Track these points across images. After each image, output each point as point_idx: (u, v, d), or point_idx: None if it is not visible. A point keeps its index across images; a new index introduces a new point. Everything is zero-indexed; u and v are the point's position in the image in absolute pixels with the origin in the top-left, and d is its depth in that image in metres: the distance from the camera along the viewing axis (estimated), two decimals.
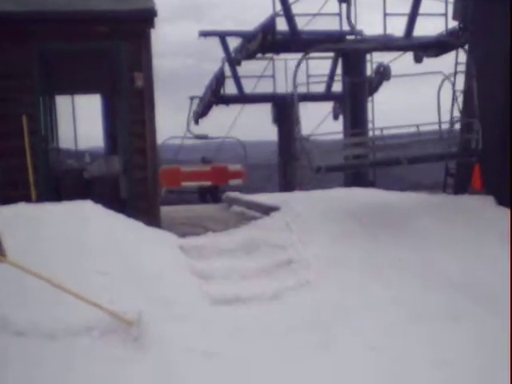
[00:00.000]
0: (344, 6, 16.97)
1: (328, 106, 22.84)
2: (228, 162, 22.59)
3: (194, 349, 6.83)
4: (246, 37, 18.86)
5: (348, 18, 17.08)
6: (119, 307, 7.00)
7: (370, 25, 19.32)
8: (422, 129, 11.31)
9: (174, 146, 24.87)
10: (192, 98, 23.38)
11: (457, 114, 13.77)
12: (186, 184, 21.12)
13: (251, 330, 7.39)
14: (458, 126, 13.28)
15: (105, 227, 8.59)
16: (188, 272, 8.41)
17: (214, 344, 6.97)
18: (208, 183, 20.97)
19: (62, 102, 16.11)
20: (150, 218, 10.10)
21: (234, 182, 21.05)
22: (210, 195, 21.40)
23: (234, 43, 20.39)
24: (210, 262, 8.86)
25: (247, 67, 20.99)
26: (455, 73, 14.21)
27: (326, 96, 22.76)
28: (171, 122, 22.56)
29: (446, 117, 13.52)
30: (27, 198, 9.61)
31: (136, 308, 6.90)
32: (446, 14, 17.08)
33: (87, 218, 8.66)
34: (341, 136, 14.98)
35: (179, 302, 7.63)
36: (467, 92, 13.24)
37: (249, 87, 22.18)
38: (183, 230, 10.36)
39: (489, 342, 7.10)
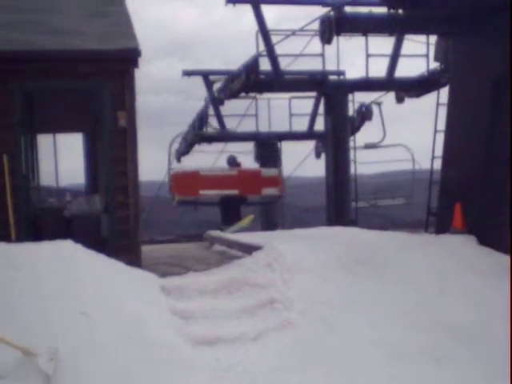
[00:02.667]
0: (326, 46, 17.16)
1: (310, 145, 23.00)
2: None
3: None
4: (230, 76, 18.99)
5: None
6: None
7: (352, 65, 19.54)
8: None
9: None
10: (213, 83, 20.96)
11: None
12: (205, 193, 16.97)
13: (233, 371, 7.32)
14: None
15: (84, 267, 8.49)
16: (169, 312, 8.32)
17: None
18: (234, 192, 17.09)
19: (44, 140, 16.07)
20: (131, 257, 10.03)
21: (268, 191, 17.35)
22: (234, 208, 17.27)
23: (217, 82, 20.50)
24: (192, 303, 8.77)
25: (230, 106, 21.10)
26: (437, 113, 14.37)
27: (308, 135, 22.90)
28: (155, 159, 22.48)
29: None
30: (7, 238, 9.51)
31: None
32: (427, 56, 17.33)
33: (67, 258, 8.55)
34: None
35: (160, 343, 7.54)
36: (448, 131, 13.37)
37: (231, 126, 22.28)
38: (164, 269, 10.28)
39: None
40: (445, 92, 14.17)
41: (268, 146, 22.33)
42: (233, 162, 19.29)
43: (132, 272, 9.16)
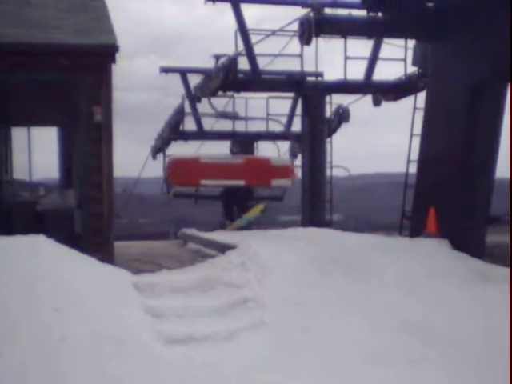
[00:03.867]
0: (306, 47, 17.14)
1: (287, 145, 22.96)
2: None
3: None
4: (208, 74, 18.91)
5: None
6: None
7: (331, 67, 19.55)
8: None
9: None
10: (217, 57, 19.13)
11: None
12: (207, 183, 14.60)
13: (205, 370, 7.28)
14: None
15: (57, 263, 8.41)
16: (141, 310, 8.26)
17: None
18: (239, 183, 14.90)
19: (19, 133, 15.90)
20: (104, 253, 9.97)
21: (278, 182, 15.31)
22: (240, 201, 14.94)
23: (196, 79, 20.42)
24: (164, 301, 8.72)
25: (207, 104, 21.01)
26: (413, 117, 14.45)
27: (285, 135, 22.88)
28: (133, 155, 22.31)
29: None
30: None
31: None
32: (405, 60, 17.39)
33: (39, 253, 8.46)
34: None
35: (131, 341, 7.48)
36: (424, 135, 13.45)
37: (208, 124, 22.20)
38: (137, 266, 10.23)
39: None
40: (422, 96, 14.27)
41: (245, 145, 22.24)
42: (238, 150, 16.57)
43: (104, 268, 9.09)
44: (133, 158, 23.14)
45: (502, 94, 12.22)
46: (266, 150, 22.74)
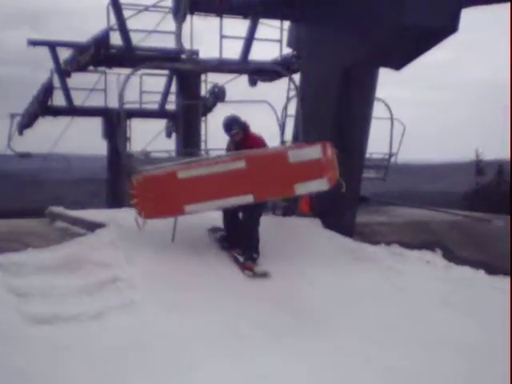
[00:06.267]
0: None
1: (162, 123, 22.71)
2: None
3: (12, 368, 6.48)
4: (79, 48, 18.34)
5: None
6: None
7: (208, 45, 19.37)
8: None
9: None
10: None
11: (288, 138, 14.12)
12: (193, 208, 9.28)
13: (72, 349, 7.05)
14: None
15: None
16: (4, 290, 7.90)
17: (33, 364, 6.58)
18: (246, 199, 9.34)
19: None
20: None
21: (305, 186, 9.62)
22: (249, 225, 9.91)
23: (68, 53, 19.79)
24: (29, 280, 8.37)
25: (78, 79, 20.42)
26: (287, 98, 14.53)
27: (159, 113, 22.60)
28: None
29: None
30: None
31: None
32: (280, 41, 17.47)
33: None
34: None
35: None
36: (298, 116, 13.55)
37: (79, 100, 21.59)
38: (1, 245, 9.73)
39: (310, 361, 7.19)
40: (297, 78, 14.35)
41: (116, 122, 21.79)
42: (235, 125, 10.01)
43: None
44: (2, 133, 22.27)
45: (373, 77, 12.45)
46: (139, 127, 22.47)
